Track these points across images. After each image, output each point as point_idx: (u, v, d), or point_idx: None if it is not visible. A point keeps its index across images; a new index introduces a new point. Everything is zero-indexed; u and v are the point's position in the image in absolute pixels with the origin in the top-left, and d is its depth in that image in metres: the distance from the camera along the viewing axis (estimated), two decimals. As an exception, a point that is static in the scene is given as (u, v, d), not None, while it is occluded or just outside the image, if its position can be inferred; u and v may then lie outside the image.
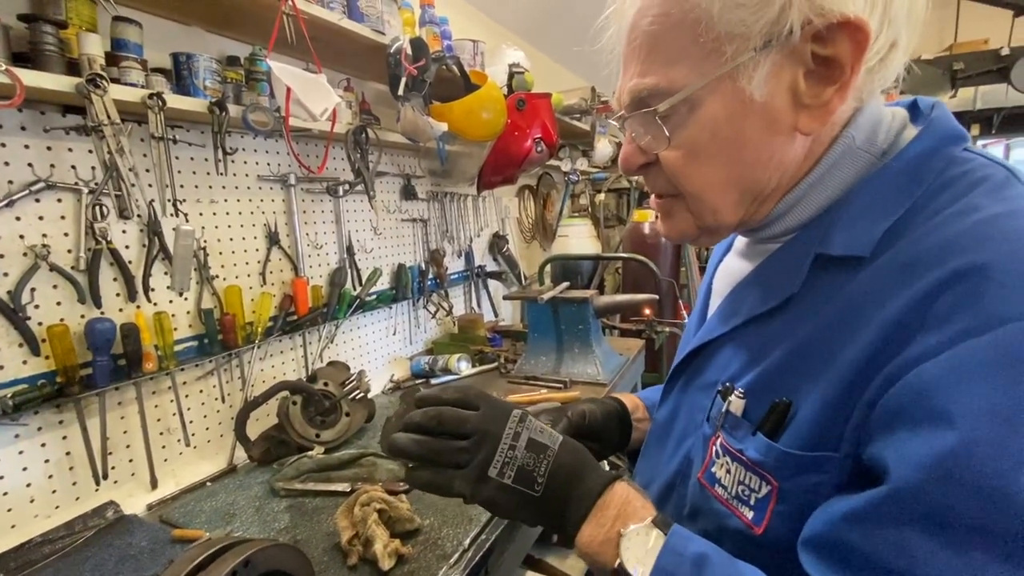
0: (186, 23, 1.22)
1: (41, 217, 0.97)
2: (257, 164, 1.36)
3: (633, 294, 1.74)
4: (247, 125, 1.16)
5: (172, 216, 1.13)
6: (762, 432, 0.46)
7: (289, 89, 1.18)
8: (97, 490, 1.05)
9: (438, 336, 2.14)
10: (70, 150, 1.00)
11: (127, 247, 1.10)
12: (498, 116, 1.71)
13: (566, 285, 1.73)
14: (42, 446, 0.98)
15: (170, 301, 1.18)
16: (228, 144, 1.17)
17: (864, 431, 0.39)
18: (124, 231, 1.09)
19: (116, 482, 1.08)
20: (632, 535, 0.47)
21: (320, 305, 1.52)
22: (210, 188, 1.25)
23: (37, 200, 0.96)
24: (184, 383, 1.21)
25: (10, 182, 0.93)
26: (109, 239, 1.04)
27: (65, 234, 1.00)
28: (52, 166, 0.98)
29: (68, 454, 1.01)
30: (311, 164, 1.44)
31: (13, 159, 0.93)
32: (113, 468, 1.07)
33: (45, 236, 0.97)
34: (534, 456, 0.52)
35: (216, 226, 1.27)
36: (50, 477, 0.99)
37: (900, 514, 0.35)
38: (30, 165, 0.95)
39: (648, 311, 2.25)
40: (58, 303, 1.00)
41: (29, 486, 0.97)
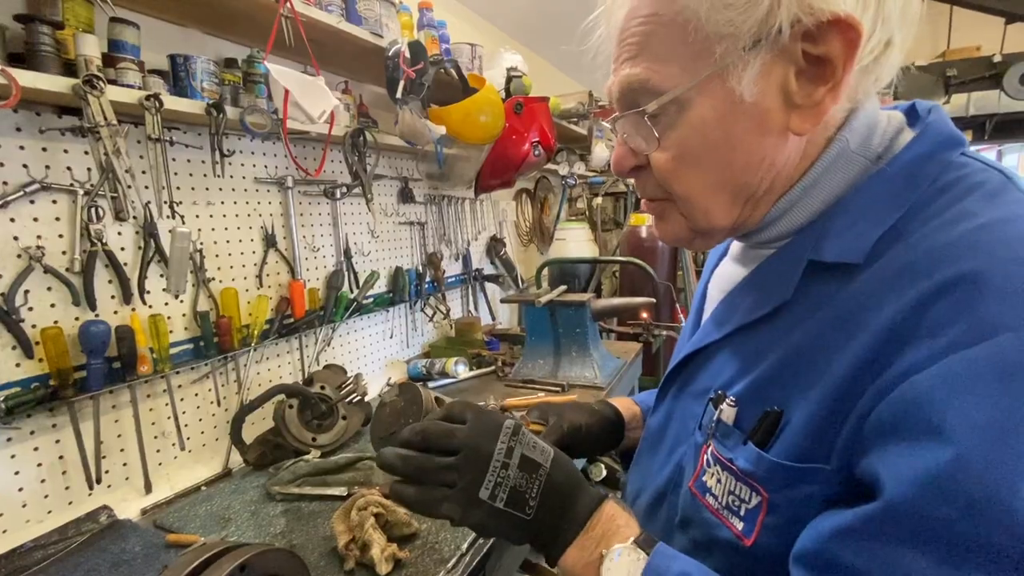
0: (184, 25, 1.21)
1: (36, 219, 0.96)
2: (254, 166, 1.36)
3: (630, 298, 1.75)
4: (244, 127, 1.16)
5: (168, 218, 1.13)
6: (753, 442, 0.45)
7: (287, 91, 1.17)
8: (90, 494, 1.04)
9: (435, 339, 2.13)
10: (66, 151, 1.00)
11: (123, 249, 1.09)
12: (496, 120, 1.71)
13: (563, 288, 1.73)
14: (35, 450, 0.97)
15: (165, 303, 1.17)
16: (225, 146, 1.17)
17: (856, 444, 0.38)
18: (120, 233, 1.08)
19: (110, 486, 1.07)
20: (614, 556, 0.46)
21: (317, 308, 1.51)
22: (207, 190, 1.25)
23: (32, 201, 0.96)
24: (179, 386, 1.21)
25: (5, 183, 0.92)
26: (104, 241, 1.03)
27: (60, 236, 0.99)
28: (47, 167, 0.97)
29: (61, 458, 1.00)
30: (308, 167, 1.44)
31: (8, 160, 0.93)
32: (107, 472, 1.06)
33: (40, 238, 0.97)
34: (527, 476, 0.51)
35: (213, 228, 1.26)
36: (43, 481, 0.98)
37: (893, 530, 0.34)
38: (25, 166, 0.95)
39: (645, 315, 2.25)
40: (52, 305, 0.99)
41: (21, 490, 0.95)
